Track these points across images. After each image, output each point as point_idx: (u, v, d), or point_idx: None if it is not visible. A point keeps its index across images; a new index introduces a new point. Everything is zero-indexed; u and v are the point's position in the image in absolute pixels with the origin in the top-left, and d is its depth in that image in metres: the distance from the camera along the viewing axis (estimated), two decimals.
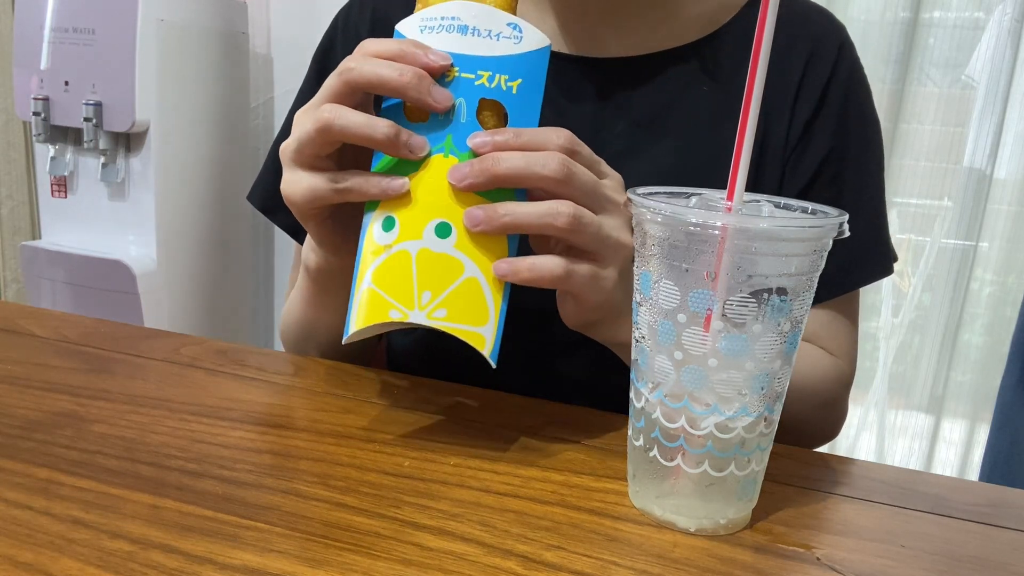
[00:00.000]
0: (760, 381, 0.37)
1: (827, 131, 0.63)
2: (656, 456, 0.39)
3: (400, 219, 0.44)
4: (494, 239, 0.44)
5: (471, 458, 0.45)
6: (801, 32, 0.64)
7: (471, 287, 0.44)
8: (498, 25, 0.44)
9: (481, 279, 0.44)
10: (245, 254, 2.00)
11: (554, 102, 0.63)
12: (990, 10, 1.53)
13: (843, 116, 0.64)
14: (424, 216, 0.44)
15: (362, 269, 0.44)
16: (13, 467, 0.41)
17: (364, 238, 0.45)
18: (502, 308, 0.44)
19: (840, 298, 0.65)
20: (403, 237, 0.44)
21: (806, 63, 0.63)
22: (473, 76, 0.44)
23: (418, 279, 0.43)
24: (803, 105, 0.63)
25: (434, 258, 0.43)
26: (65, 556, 0.34)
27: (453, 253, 0.44)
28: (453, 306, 0.44)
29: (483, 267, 0.44)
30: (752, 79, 0.38)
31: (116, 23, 1.59)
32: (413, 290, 0.43)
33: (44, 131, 1.67)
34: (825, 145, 0.63)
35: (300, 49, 1.99)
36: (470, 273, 0.44)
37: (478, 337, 0.44)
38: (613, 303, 0.48)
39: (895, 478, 0.48)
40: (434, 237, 0.43)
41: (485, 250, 0.44)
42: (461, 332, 0.44)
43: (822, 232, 0.37)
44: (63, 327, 0.64)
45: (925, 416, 1.72)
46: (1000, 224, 1.61)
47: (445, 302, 0.44)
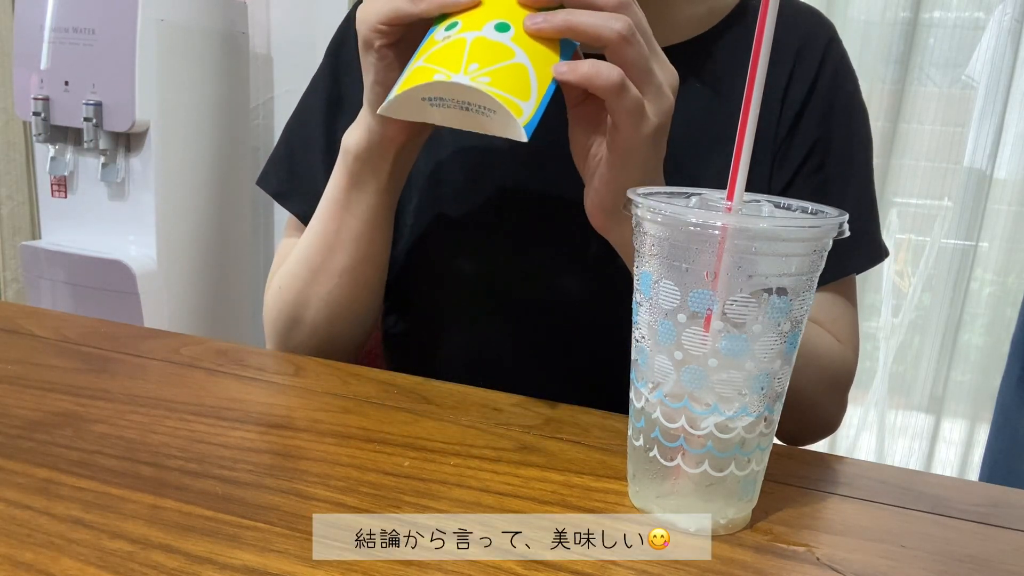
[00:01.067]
0: (760, 381, 0.37)
1: (813, 123, 0.64)
2: (656, 456, 0.39)
3: (462, 20, 0.45)
4: (549, 46, 0.45)
5: (471, 458, 0.45)
6: (790, 29, 0.65)
7: (518, 69, 0.44)
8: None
9: (529, 67, 0.44)
10: (245, 254, 2.00)
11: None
12: (990, 10, 1.53)
13: (829, 108, 0.65)
14: (486, 17, 0.45)
15: (418, 55, 0.46)
16: (13, 467, 0.41)
17: (425, 40, 0.46)
18: (545, 95, 0.45)
19: (837, 287, 0.65)
20: (463, 30, 0.45)
21: (795, 59, 0.65)
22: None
23: (469, 54, 0.44)
24: (792, 99, 0.64)
25: (488, 44, 0.44)
26: (65, 556, 0.34)
27: (508, 43, 0.44)
28: (498, 77, 0.43)
29: (533, 59, 0.45)
30: (752, 79, 0.38)
31: (116, 23, 1.59)
32: (462, 61, 0.44)
33: (44, 131, 1.67)
34: (811, 136, 0.64)
35: (300, 49, 2.00)
36: (520, 59, 0.44)
37: (516, 106, 0.43)
38: (644, 159, 0.48)
39: (895, 478, 0.48)
40: (492, 30, 0.44)
41: (539, 49, 0.45)
42: (501, 97, 0.43)
43: (822, 232, 0.37)
44: (63, 327, 0.64)
45: (925, 416, 1.72)
46: (1000, 224, 1.61)
47: (491, 73, 0.43)
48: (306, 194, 0.68)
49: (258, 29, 2.00)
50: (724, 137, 0.63)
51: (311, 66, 0.76)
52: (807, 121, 0.64)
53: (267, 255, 2.12)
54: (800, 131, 0.64)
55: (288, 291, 0.64)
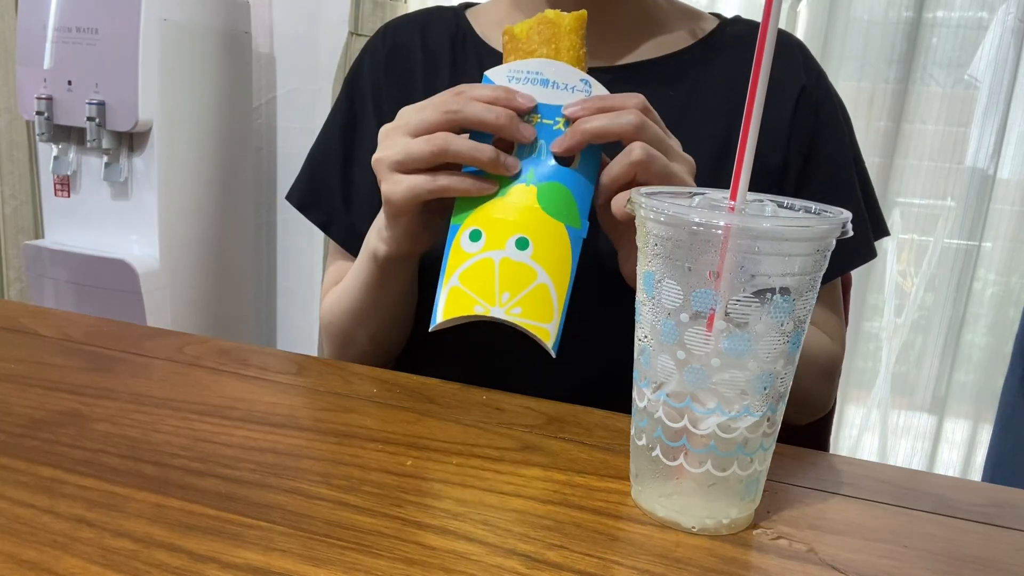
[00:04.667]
0: (763, 381, 0.37)
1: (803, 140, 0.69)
2: (659, 456, 0.39)
3: (486, 232, 0.53)
4: (561, 252, 0.53)
5: (473, 457, 0.45)
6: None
7: (542, 291, 0.53)
8: (573, 80, 0.54)
9: (550, 285, 0.53)
10: (248, 253, 2.01)
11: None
12: (993, 9, 1.53)
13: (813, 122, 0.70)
14: (507, 232, 0.53)
15: (450, 269, 0.53)
16: (17, 466, 0.41)
17: (451, 244, 0.54)
18: (564, 309, 0.54)
19: (825, 286, 0.68)
20: (488, 247, 0.53)
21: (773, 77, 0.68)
22: (552, 122, 0.53)
23: (499, 281, 0.52)
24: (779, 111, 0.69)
25: (514, 266, 0.52)
26: (68, 555, 0.34)
27: (529, 263, 0.53)
28: (527, 306, 0.52)
29: (552, 275, 0.53)
30: (755, 79, 0.38)
31: (119, 22, 1.59)
32: (495, 290, 0.52)
33: (47, 130, 1.67)
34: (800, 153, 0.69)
35: (303, 48, 2.00)
36: (542, 280, 0.53)
37: (544, 332, 0.53)
38: None
39: (898, 478, 0.48)
40: (514, 249, 0.53)
41: (555, 262, 0.53)
42: (532, 327, 0.53)
43: (825, 232, 0.37)
44: (66, 326, 0.64)
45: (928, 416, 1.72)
46: (1003, 224, 1.60)
47: (521, 302, 0.53)
48: (324, 206, 0.76)
49: (261, 28, 2.00)
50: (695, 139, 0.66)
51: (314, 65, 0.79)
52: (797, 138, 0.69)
53: (269, 254, 2.13)
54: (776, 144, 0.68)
55: (336, 328, 0.72)
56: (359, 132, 0.75)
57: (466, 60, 0.73)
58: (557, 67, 0.54)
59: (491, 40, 0.73)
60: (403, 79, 0.73)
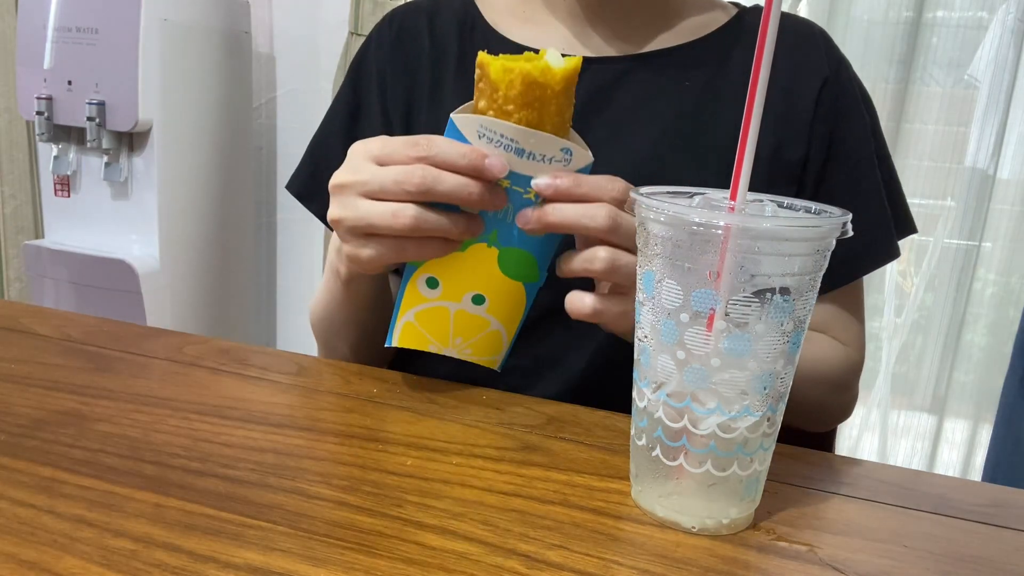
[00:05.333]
0: (763, 381, 0.37)
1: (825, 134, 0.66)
2: (659, 456, 0.39)
3: (443, 283, 0.52)
4: (516, 304, 0.53)
5: (473, 457, 0.45)
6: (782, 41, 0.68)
7: (494, 336, 0.54)
8: (552, 150, 0.48)
9: (503, 331, 0.54)
10: (248, 253, 2.01)
11: None
12: (993, 10, 1.53)
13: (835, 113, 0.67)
14: (464, 288, 0.52)
15: (405, 304, 0.53)
16: (17, 465, 0.41)
17: (407, 282, 0.52)
18: (512, 342, 0.55)
19: (845, 287, 0.67)
20: (445, 297, 0.52)
21: (793, 69, 0.67)
22: (522, 190, 0.49)
23: (454, 328, 0.54)
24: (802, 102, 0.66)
25: (468, 317, 0.53)
26: (68, 554, 0.34)
27: (484, 315, 0.53)
28: (478, 347, 0.55)
29: (505, 323, 0.54)
30: (755, 79, 0.38)
31: (119, 22, 1.59)
32: (449, 334, 0.54)
33: (47, 130, 1.67)
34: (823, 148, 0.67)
35: (303, 48, 2.00)
36: (495, 327, 0.54)
37: (492, 362, 0.57)
38: None
39: (898, 478, 0.48)
40: (470, 303, 0.53)
41: (509, 312, 0.53)
42: (483, 361, 0.56)
43: (825, 232, 0.37)
44: (66, 326, 0.64)
45: (928, 416, 1.72)
46: (1003, 224, 1.60)
47: (473, 344, 0.55)
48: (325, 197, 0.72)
49: (261, 28, 2.00)
50: (707, 130, 0.65)
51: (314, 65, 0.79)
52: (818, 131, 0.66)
53: (269, 254, 2.13)
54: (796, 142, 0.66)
55: (318, 335, 0.73)
56: (362, 121, 0.74)
57: (474, 48, 0.72)
58: (537, 138, 0.47)
59: (501, 27, 0.72)
60: (409, 66, 0.72)
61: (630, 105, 0.67)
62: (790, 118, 0.66)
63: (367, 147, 0.50)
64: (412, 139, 0.48)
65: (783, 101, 0.66)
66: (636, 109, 0.67)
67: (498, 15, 0.73)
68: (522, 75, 0.46)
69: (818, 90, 0.66)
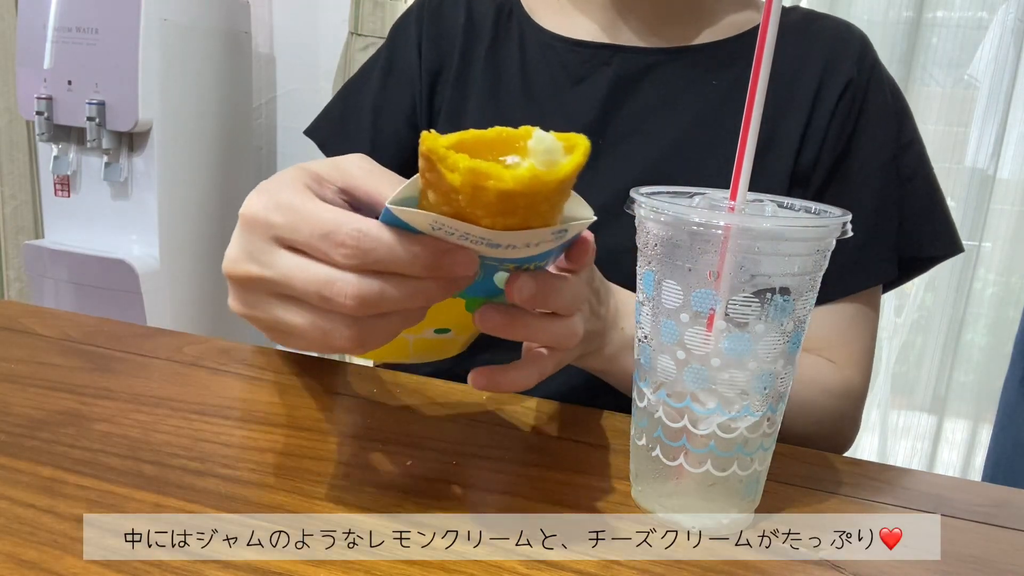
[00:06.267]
0: (763, 381, 0.37)
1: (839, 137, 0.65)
2: (659, 455, 0.39)
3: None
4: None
5: (473, 457, 0.45)
6: (817, 41, 0.67)
7: (451, 343, 0.49)
8: (539, 238, 0.34)
9: (460, 338, 0.49)
10: None
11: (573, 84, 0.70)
12: (993, 10, 1.53)
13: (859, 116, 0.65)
14: (429, 325, 0.45)
15: None
16: (17, 465, 0.41)
17: None
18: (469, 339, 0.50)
19: (857, 304, 0.64)
20: (407, 332, 0.42)
21: (823, 70, 0.66)
22: (495, 263, 0.37)
23: (413, 350, 0.49)
24: (824, 104, 0.65)
25: (429, 342, 0.48)
26: (68, 555, 0.34)
27: (446, 337, 0.48)
28: (434, 351, 0.50)
29: (467, 338, 0.49)
30: (755, 79, 0.38)
31: (119, 22, 1.59)
32: (409, 353, 0.49)
33: (47, 130, 1.67)
34: (834, 151, 0.65)
35: (303, 49, 2.00)
36: (452, 336, 0.48)
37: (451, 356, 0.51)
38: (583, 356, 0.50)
39: (898, 478, 0.48)
40: (432, 333, 0.47)
41: (471, 332, 0.48)
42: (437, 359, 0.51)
43: (825, 232, 0.37)
44: (66, 326, 0.64)
45: (928, 416, 1.72)
46: (1003, 224, 1.60)
47: (431, 355, 0.50)
48: (347, 147, 0.72)
49: (261, 29, 2.00)
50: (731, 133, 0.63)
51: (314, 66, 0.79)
52: (832, 136, 0.65)
53: None
54: (824, 147, 0.65)
55: None
56: (393, 74, 0.74)
57: (508, 34, 0.72)
58: (518, 236, 0.33)
59: (538, 16, 0.72)
60: (440, 41, 0.73)
61: (655, 98, 0.67)
62: (813, 119, 0.65)
63: (268, 218, 0.35)
64: (333, 225, 0.33)
65: (810, 102, 0.65)
66: (661, 103, 0.67)
67: (536, 4, 0.73)
68: (498, 192, 0.30)
69: (839, 92, 0.65)
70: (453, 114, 0.71)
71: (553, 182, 0.31)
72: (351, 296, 0.33)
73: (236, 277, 0.38)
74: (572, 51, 0.70)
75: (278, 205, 0.35)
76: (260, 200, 0.36)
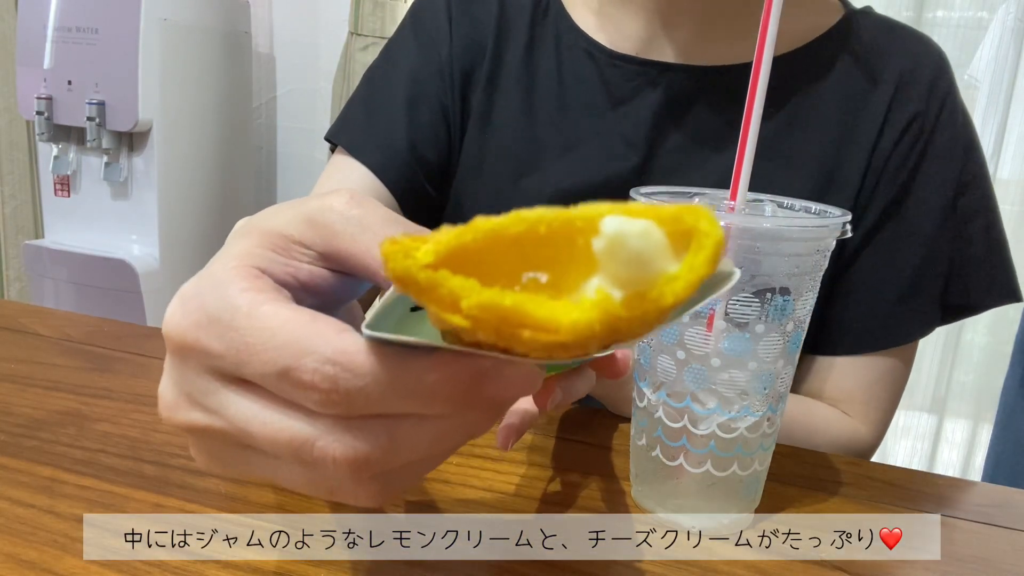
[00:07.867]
0: (763, 381, 0.37)
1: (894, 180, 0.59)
2: (659, 455, 0.39)
3: None
4: None
5: (473, 457, 0.45)
6: (892, 58, 0.61)
7: None
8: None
9: None
10: None
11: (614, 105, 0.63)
12: (993, 10, 1.53)
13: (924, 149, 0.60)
14: None
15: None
16: (17, 465, 0.41)
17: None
18: None
19: (890, 359, 0.60)
20: None
21: (891, 97, 0.60)
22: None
23: None
24: (885, 139, 0.59)
25: None
26: (68, 554, 0.34)
27: None
28: None
29: None
30: (755, 79, 0.38)
31: (119, 22, 1.59)
32: None
33: (47, 130, 1.67)
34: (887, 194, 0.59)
35: (302, 48, 2.00)
36: None
37: None
38: None
39: (898, 478, 0.48)
40: None
41: None
42: None
43: (825, 232, 0.37)
44: (66, 326, 0.64)
45: (928, 416, 1.72)
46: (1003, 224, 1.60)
47: None
48: (381, 145, 0.65)
49: (261, 28, 2.00)
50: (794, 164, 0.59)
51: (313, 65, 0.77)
52: (894, 168, 0.59)
53: None
54: (884, 179, 0.59)
55: None
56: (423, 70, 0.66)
57: (544, 32, 0.65)
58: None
59: (576, 14, 0.65)
60: (471, 35, 0.65)
61: (710, 118, 0.61)
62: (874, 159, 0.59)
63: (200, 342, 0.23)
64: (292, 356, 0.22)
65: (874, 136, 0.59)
66: (718, 123, 0.61)
67: (574, 2, 0.66)
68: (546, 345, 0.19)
69: (903, 127, 0.59)
70: (481, 122, 0.65)
71: (652, 313, 0.18)
72: (341, 460, 0.23)
73: (179, 428, 0.26)
74: (614, 65, 0.62)
75: (211, 320, 0.23)
76: (185, 313, 0.24)
